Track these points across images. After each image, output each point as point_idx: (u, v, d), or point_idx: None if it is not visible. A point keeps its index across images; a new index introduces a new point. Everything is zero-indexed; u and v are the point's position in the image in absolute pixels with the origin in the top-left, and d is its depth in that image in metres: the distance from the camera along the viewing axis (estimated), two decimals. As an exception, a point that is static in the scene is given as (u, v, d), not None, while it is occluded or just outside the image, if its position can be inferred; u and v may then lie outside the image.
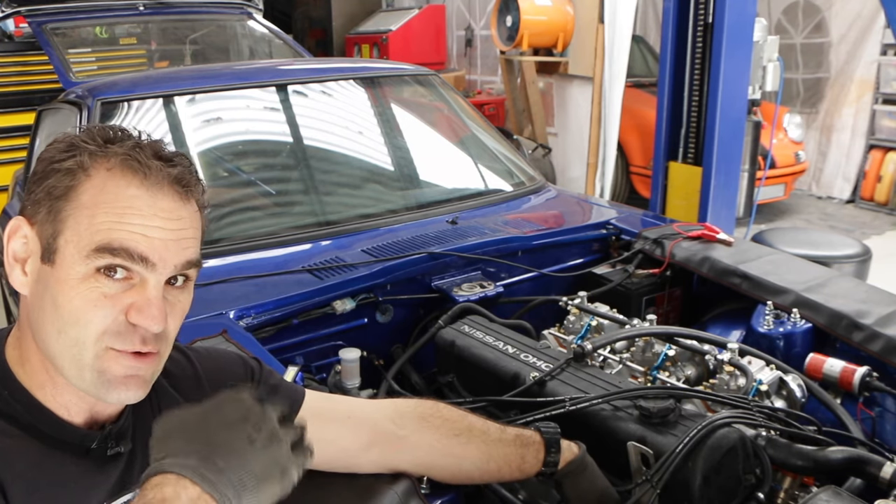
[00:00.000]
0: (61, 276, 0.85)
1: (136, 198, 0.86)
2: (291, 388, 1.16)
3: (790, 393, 1.60)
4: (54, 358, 0.87)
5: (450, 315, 1.87)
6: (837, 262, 2.94)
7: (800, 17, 6.75)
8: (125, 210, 0.85)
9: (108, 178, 0.86)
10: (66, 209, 0.86)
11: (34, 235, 0.88)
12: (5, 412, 0.86)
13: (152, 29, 4.94)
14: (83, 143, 0.88)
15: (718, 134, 3.68)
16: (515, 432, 1.25)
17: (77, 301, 0.84)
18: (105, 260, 0.84)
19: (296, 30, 10.80)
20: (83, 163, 0.87)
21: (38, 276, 0.87)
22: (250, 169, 2.65)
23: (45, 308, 0.86)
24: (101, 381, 0.87)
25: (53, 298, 0.85)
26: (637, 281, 2.14)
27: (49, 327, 0.86)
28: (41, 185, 0.88)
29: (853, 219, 6.22)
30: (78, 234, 0.85)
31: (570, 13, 6.10)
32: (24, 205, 0.90)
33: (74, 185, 0.86)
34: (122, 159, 0.87)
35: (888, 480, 1.25)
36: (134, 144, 0.89)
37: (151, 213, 0.86)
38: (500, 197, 2.64)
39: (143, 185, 0.87)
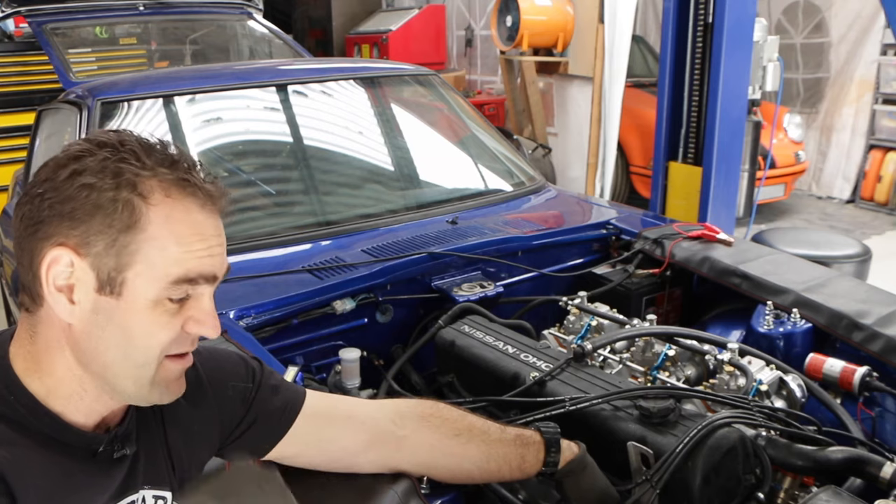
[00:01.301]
0: (134, 308, 0.85)
1: (198, 223, 0.87)
2: (292, 388, 1.16)
3: (790, 393, 1.60)
4: (113, 378, 0.88)
5: (450, 315, 1.87)
6: (837, 262, 2.94)
7: (800, 17, 6.75)
8: (193, 237, 0.86)
9: (171, 208, 0.86)
10: (134, 243, 0.84)
11: (85, 266, 0.84)
12: (13, 420, 0.86)
13: (152, 29, 4.93)
14: (130, 166, 0.85)
15: (718, 134, 3.68)
16: (515, 432, 1.25)
17: (151, 328, 0.86)
18: (182, 289, 0.86)
19: (296, 30, 10.80)
20: (142, 192, 0.85)
21: (96, 306, 0.85)
22: (250, 169, 2.65)
23: (108, 337, 0.86)
24: (159, 390, 0.90)
25: (123, 329, 0.85)
26: (637, 281, 2.14)
27: (113, 353, 0.86)
28: (94, 217, 0.83)
29: (853, 219, 6.22)
30: (151, 266, 0.84)
31: (570, 13, 6.10)
32: (63, 231, 0.84)
33: (138, 218, 0.84)
34: (179, 184, 0.87)
35: (888, 480, 1.25)
36: (183, 166, 0.89)
37: (210, 234, 0.88)
38: (500, 197, 2.64)
39: (203, 208, 0.88)
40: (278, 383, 1.15)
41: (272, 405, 1.11)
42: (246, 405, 1.09)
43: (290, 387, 1.16)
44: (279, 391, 1.13)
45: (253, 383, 1.11)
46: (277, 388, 1.13)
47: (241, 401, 1.09)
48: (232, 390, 1.08)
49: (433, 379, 1.86)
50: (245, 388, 1.10)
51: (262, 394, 1.11)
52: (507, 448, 1.22)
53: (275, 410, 1.11)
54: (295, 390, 1.16)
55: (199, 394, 1.03)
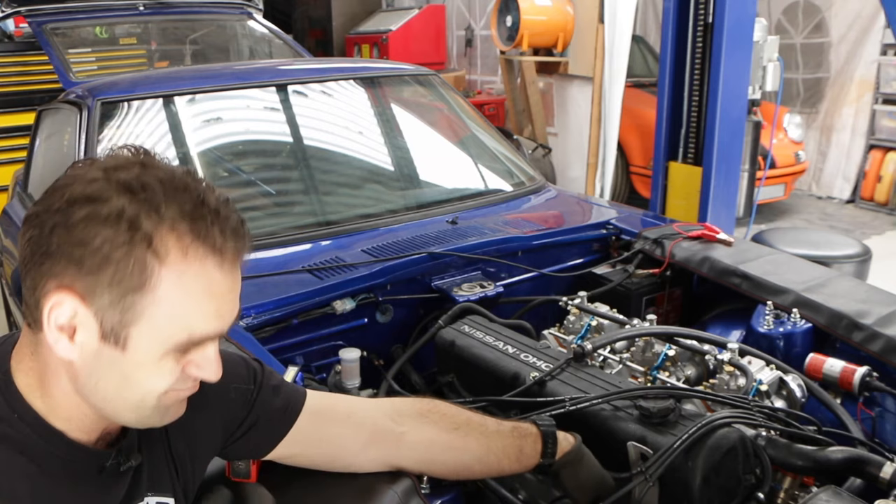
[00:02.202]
0: (136, 361, 0.83)
1: (214, 282, 0.83)
2: (292, 388, 1.16)
3: (790, 393, 1.60)
4: (111, 411, 0.87)
5: (450, 315, 1.87)
6: (837, 262, 2.94)
7: (800, 17, 6.75)
8: (203, 298, 0.83)
9: (186, 267, 0.81)
10: (141, 302, 0.81)
11: (90, 314, 0.81)
12: (17, 441, 0.84)
13: (152, 29, 4.93)
14: (148, 219, 0.80)
15: (718, 134, 3.68)
16: (512, 424, 1.26)
17: (151, 378, 0.85)
18: (186, 350, 0.85)
19: (296, 30, 10.79)
20: (157, 251, 0.80)
21: (99, 353, 0.83)
22: (250, 169, 2.65)
23: (108, 379, 0.84)
24: (158, 417, 0.90)
25: (125, 377, 0.84)
26: (637, 281, 2.14)
27: (113, 393, 0.85)
28: (103, 271, 0.79)
29: (853, 219, 6.22)
30: (156, 328, 0.82)
31: (570, 13, 6.10)
32: (57, 269, 0.80)
33: (148, 278, 0.80)
34: (198, 243, 0.82)
35: (888, 480, 1.25)
36: (205, 221, 0.82)
37: (224, 292, 0.85)
38: (500, 197, 2.64)
39: (220, 267, 0.84)
40: (279, 384, 1.15)
41: (273, 406, 1.11)
42: (247, 407, 1.10)
43: (290, 387, 1.16)
44: (280, 392, 1.13)
45: (254, 385, 1.11)
46: (278, 389, 1.13)
47: (242, 402, 1.09)
48: (234, 392, 1.08)
49: (433, 379, 1.86)
50: (246, 389, 1.10)
51: (264, 395, 1.11)
52: (505, 440, 1.23)
53: (276, 411, 1.11)
54: (296, 390, 1.16)
55: (200, 396, 1.02)
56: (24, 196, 3.22)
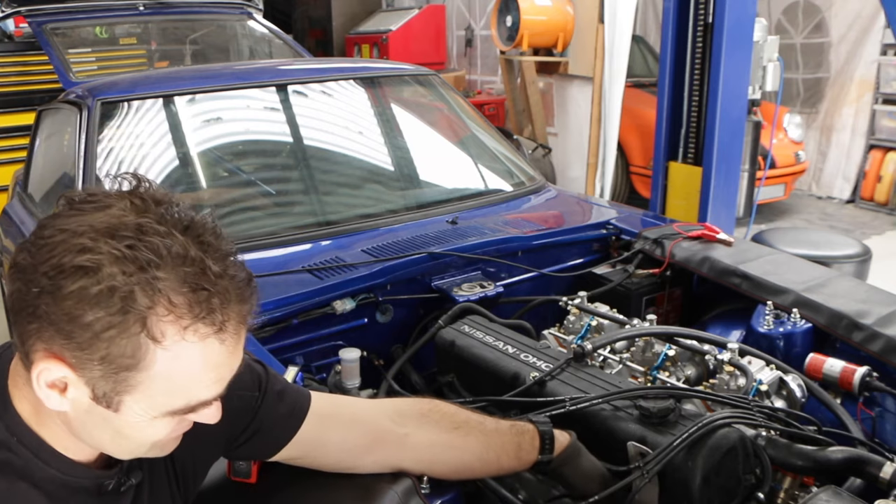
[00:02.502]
0: (130, 422, 0.82)
1: (214, 354, 0.80)
2: (297, 392, 1.15)
3: (790, 393, 1.60)
4: (109, 452, 0.87)
5: (450, 315, 1.87)
6: (837, 262, 2.94)
7: (800, 17, 6.75)
8: (202, 371, 0.81)
9: (183, 347, 0.77)
10: (136, 377, 0.78)
11: (81, 381, 0.78)
12: (18, 467, 0.83)
13: (152, 29, 4.93)
14: (143, 300, 0.75)
15: (718, 134, 3.68)
16: (509, 423, 1.28)
17: (147, 434, 0.84)
18: (182, 415, 0.84)
19: (296, 30, 10.79)
20: (153, 334, 0.76)
21: (91, 409, 0.80)
22: (250, 169, 2.65)
23: (101, 432, 0.83)
24: (157, 452, 0.89)
25: (119, 433, 0.83)
26: (637, 281, 2.14)
27: (108, 441, 0.85)
28: (95, 348, 0.75)
29: (853, 219, 6.22)
30: (151, 398, 0.80)
31: (570, 13, 6.10)
32: (45, 334, 0.77)
33: (143, 356, 0.77)
34: (198, 324, 0.77)
35: (888, 480, 1.25)
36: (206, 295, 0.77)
37: (227, 361, 0.83)
38: (500, 197, 2.64)
39: (222, 342, 0.80)
40: (283, 388, 1.13)
41: (277, 412, 1.10)
42: (251, 413, 1.08)
43: (295, 391, 1.15)
44: (284, 397, 1.12)
45: (259, 391, 1.09)
46: (283, 394, 1.12)
47: (246, 409, 1.08)
48: (237, 400, 1.05)
49: (433, 379, 1.86)
50: (251, 396, 1.08)
51: (268, 401, 1.10)
52: (504, 437, 1.24)
53: (280, 417, 1.10)
54: (300, 394, 1.15)
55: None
56: (24, 196, 3.22)
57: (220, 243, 0.81)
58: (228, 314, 0.79)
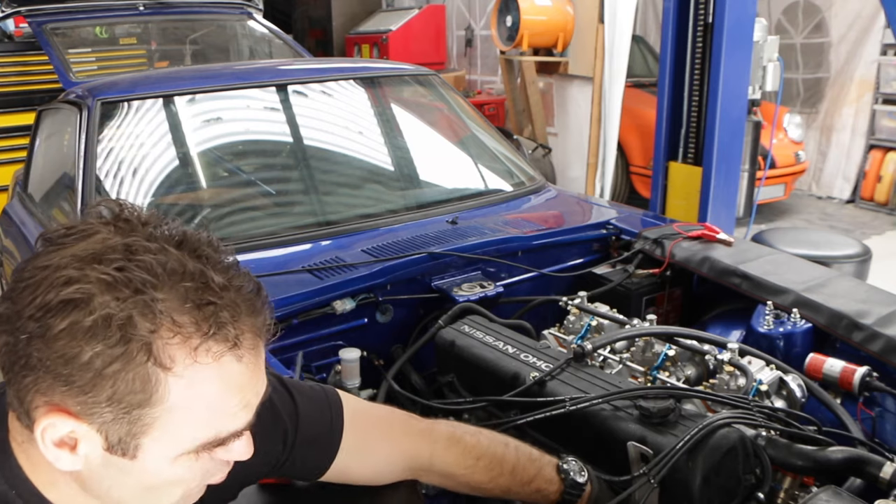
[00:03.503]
0: (150, 469, 0.74)
1: (233, 376, 0.73)
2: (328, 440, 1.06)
3: (790, 393, 1.60)
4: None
5: (450, 315, 1.87)
6: (837, 262, 2.94)
7: (800, 17, 6.75)
8: (225, 396, 0.73)
9: (197, 371, 0.70)
10: (150, 415, 0.70)
11: (91, 430, 0.71)
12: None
13: (152, 29, 4.93)
14: (143, 325, 0.67)
15: (718, 134, 3.68)
16: (536, 487, 1.23)
17: (173, 480, 0.76)
18: (210, 449, 0.75)
19: (296, 30, 10.80)
20: (161, 360, 0.68)
21: (106, 461, 0.73)
22: (250, 169, 2.65)
23: (122, 485, 0.75)
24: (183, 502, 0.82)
25: (141, 483, 0.75)
26: (637, 281, 2.13)
27: (129, 497, 0.77)
28: (99, 389, 0.68)
29: (853, 219, 6.22)
30: (171, 434, 0.72)
31: (570, 13, 6.10)
32: (43, 386, 0.69)
33: (155, 390, 0.69)
34: (208, 340, 0.70)
35: (888, 480, 1.25)
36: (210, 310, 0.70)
37: (249, 382, 0.75)
38: (500, 197, 2.64)
39: (238, 358, 0.72)
40: (316, 433, 1.04)
41: (303, 461, 1.05)
42: (275, 467, 1.04)
43: (327, 435, 1.06)
44: (316, 444, 1.05)
45: (284, 448, 1.02)
46: (314, 441, 1.04)
47: (268, 463, 1.03)
48: (261, 453, 0.96)
49: (433, 379, 1.86)
50: (274, 450, 1.02)
51: (295, 453, 1.04)
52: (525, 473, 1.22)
53: (305, 469, 1.07)
54: (330, 442, 1.06)
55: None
56: (24, 196, 3.22)
57: (220, 255, 0.75)
58: (241, 328, 0.72)
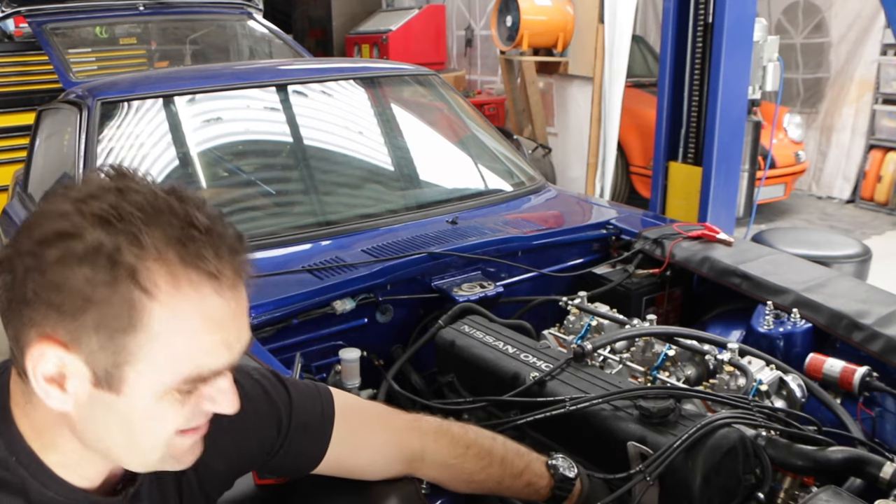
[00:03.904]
0: (136, 406, 0.76)
1: (213, 311, 0.75)
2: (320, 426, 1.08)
3: (790, 393, 1.60)
4: (118, 459, 0.81)
5: (450, 315, 1.87)
6: (837, 262, 2.94)
7: (800, 17, 6.75)
8: (205, 330, 0.75)
9: (179, 300, 0.73)
10: (134, 342, 0.73)
11: (78, 361, 0.74)
12: (14, 486, 0.79)
13: (152, 29, 4.93)
14: (129, 253, 0.72)
15: (718, 134, 3.68)
16: (526, 479, 1.24)
17: (157, 420, 0.77)
18: (193, 386, 0.77)
19: (296, 30, 10.79)
20: (144, 286, 0.72)
21: (93, 399, 0.76)
22: (250, 169, 2.65)
23: (109, 428, 0.78)
24: (170, 462, 0.83)
25: (127, 425, 0.77)
26: (637, 281, 2.14)
27: (117, 440, 0.79)
28: (87, 313, 0.72)
29: (853, 219, 6.22)
30: (155, 367, 0.74)
31: (570, 13, 6.10)
32: (36, 317, 0.73)
33: (139, 316, 0.72)
34: (189, 270, 0.74)
35: (888, 480, 1.25)
36: (195, 246, 0.74)
37: (229, 319, 0.77)
38: (500, 197, 2.64)
39: (219, 293, 0.76)
40: (308, 419, 1.07)
41: (298, 449, 1.07)
42: (270, 454, 1.05)
43: (319, 422, 1.08)
44: (309, 430, 1.07)
45: (279, 432, 1.04)
46: (307, 427, 1.07)
47: (264, 446, 1.04)
48: (254, 437, 1.02)
49: (433, 379, 1.86)
50: (269, 434, 1.04)
51: (291, 438, 1.06)
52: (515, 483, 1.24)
53: (300, 458, 1.08)
54: (322, 429, 1.08)
55: (219, 440, 0.97)
56: (24, 196, 3.22)
57: (205, 205, 0.79)
58: (222, 264, 0.76)
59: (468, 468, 1.20)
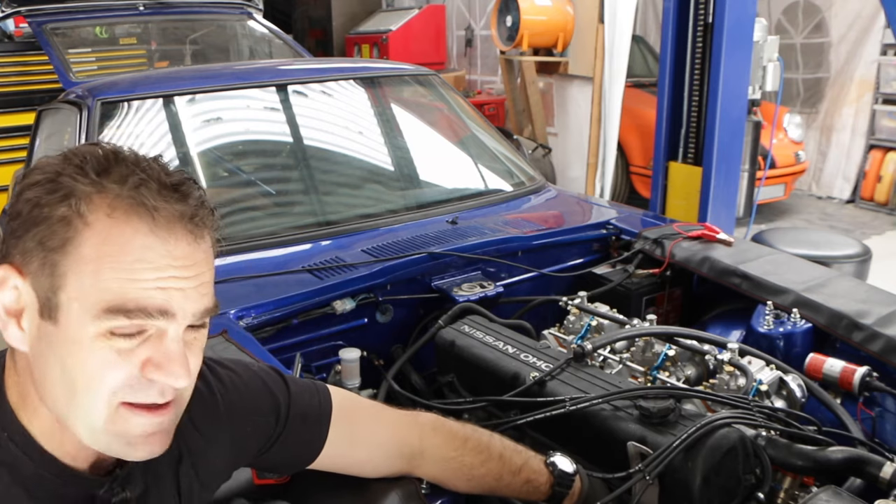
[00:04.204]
0: (69, 337, 0.75)
1: (146, 248, 0.76)
2: (318, 416, 1.09)
3: (790, 393, 1.60)
4: (64, 420, 0.79)
5: (450, 315, 1.87)
6: (837, 262, 2.94)
7: (800, 17, 6.75)
8: (135, 264, 0.75)
9: (111, 227, 0.75)
10: (65, 263, 0.75)
11: (28, 287, 0.77)
12: (7, 464, 0.79)
13: (152, 29, 4.94)
14: (73, 181, 0.76)
15: (718, 134, 3.68)
16: (525, 477, 1.25)
17: (89, 364, 0.76)
18: (119, 321, 0.75)
19: (296, 30, 10.80)
20: (78, 208, 0.75)
21: (39, 332, 0.77)
22: (250, 169, 2.65)
23: (51, 369, 0.77)
24: (119, 443, 0.79)
25: (61, 361, 0.76)
26: (637, 281, 2.14)
27: (58, 391, 0.78)
28: (30, 232, 0.76)
29: (853, 219, 6.22)
30: (82, 291, 0.75)
31: (570, 13, 6.10)
32: (8, 250, 0.78)
33: (72, 237, 0.75)
34: (125, 201, 0.76)
35: (888, 480, 1.25)
36: (137, 181, 0.76)
37: (165, 264, 0.76)
38: (500, 197, 2.64)
39: (153, 231, 0.76)
40: (306, 410, 1.08)
41: (296, 440, 1.07)
42: (268, 443, 1.05)
43: (317, 414, 1.09)
44: (307, 421, 1.07)
45: (277, 422, 1.05)
46: (305, 418, 1.07)
47: (262, 436, 1.05)
48: (252, 426, 1.03)
49: (433, 379, 1.86)
50: (266, 423, 1.04)
51: (289, 428, 1.06)
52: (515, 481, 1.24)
53: (298, 450, 1.08)
54: (320, 421, 1.09)
55: (216, 428, 0.97)
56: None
57: (178, 172, 0.82)
58: (160, 201, 0.77)
59: (467, 462, 1.20)
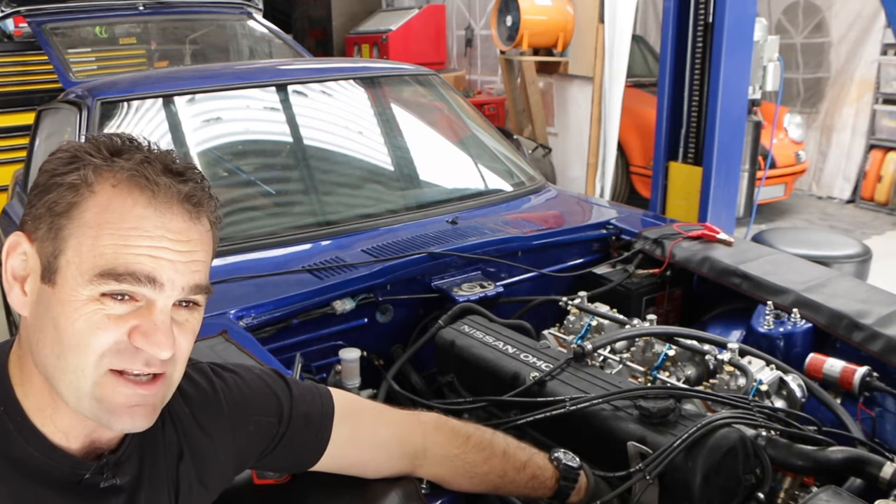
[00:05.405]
0: (63, 298, 0.79)
1: (143, 218, 0.80)
2: (321, 418, 1.09)
3: (790, 393, 1.60)
4: (53, 382, 0.81)
5: (450, 315, 1.87)
6: (837, 262, 2.94)
7: (800, 17, 6.75)
8: (131, 231, 0.80)
9: (113, 196, 0.81)
10: (68, 227, 0.80)
11: (34, 253, 0.82)
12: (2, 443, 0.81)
13: (152, 29, 4.94)
14: (87, 156, 0.82)
15: (718, 134, 3.68)
16: (531, 473, 1.25)
17: (79, 324, 0.79)
18: (109, 286, 0.79)
19: (296, 30, 10.80)
20: (87, 177, 0.81)
21: (39, 296, 0.82)
22: (250, 169, 2.65)
23: (45, 330, 0.81)
24: (102, 409, 0.81)
25: (54, 321, 0.80)
26: (637, 281, 2.14)
27: (48, 350, 0.80)
28: (42, 199, 0.82)
29: (853, 219, 6.22)
30: (80, 255, 0.79)
31: (570, 13, 6.10)
32: (24, 219, 0.84)
33: (77, 202, 0.80)
34: (129, 175, 0.81)
35: (888, 480, 1.25)
36: (142, 159, 0.83)
37: (159, 234, 0.81)
38: (500, 197, 2.64)
39: (151, 203, 0.81)
40: (309, 411, 1.08)
41: (299, 440, 1.07)
42: (271, 444, 1.06)
43: (319, 416, 1.10)
44: (310, 422, 1.08)
45: (280, 423, 1.06)
46: (308, 420, 1.08)
47: (265, 437, 1.05)
48: (255, 427, 1.03)
49: (433, 379, 1.86)
50: (270, 424, 1.05)
51: (292, 429, 1.06)
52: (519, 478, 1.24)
53: (301, 451, 1.08)
54: (323, 423, 1.09)
55: (220, 427, 0.98)
56: (24, 196, 3.22)
57: (187, 163, 0.88)
58: (161, 177, 0.82)
59: (470, 459, 1.20)
